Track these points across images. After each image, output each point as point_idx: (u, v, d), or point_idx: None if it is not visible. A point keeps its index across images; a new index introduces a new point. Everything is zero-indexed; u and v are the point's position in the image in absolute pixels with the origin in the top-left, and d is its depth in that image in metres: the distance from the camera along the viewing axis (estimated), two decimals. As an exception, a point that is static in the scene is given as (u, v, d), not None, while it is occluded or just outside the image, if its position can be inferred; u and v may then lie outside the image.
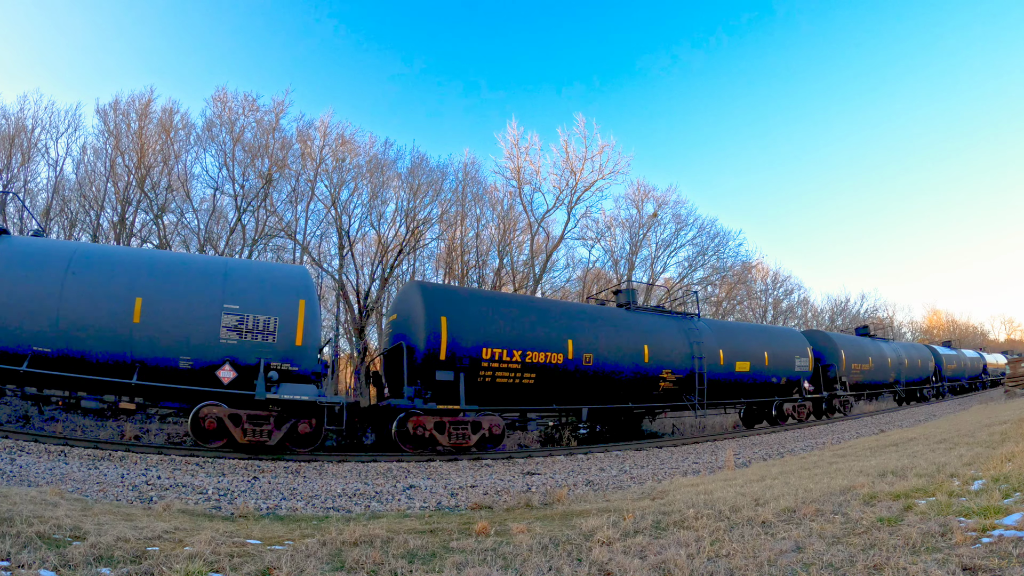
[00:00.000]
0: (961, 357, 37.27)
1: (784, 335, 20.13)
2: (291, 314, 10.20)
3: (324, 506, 6.62)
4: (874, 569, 3.12)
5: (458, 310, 12.02)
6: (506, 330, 12.34)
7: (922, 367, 29.61)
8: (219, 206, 26.17)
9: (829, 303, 52.24)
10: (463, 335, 11.71)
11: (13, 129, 23.70)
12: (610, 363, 13.99)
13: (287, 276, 11.13)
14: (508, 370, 12.23)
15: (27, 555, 3.21)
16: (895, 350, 27.01)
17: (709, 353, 16.30)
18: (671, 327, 16.19)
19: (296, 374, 10.13)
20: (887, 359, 25.39)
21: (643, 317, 16.09)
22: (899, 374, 26.16)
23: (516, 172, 30.85)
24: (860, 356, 22.97)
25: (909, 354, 28.49)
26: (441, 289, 14.32)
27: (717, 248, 35.58)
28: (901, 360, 26.78)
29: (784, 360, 18.60)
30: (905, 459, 7.24)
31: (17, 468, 7.03)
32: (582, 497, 7.04)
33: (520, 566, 3.68)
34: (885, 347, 26.13)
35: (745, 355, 17.47)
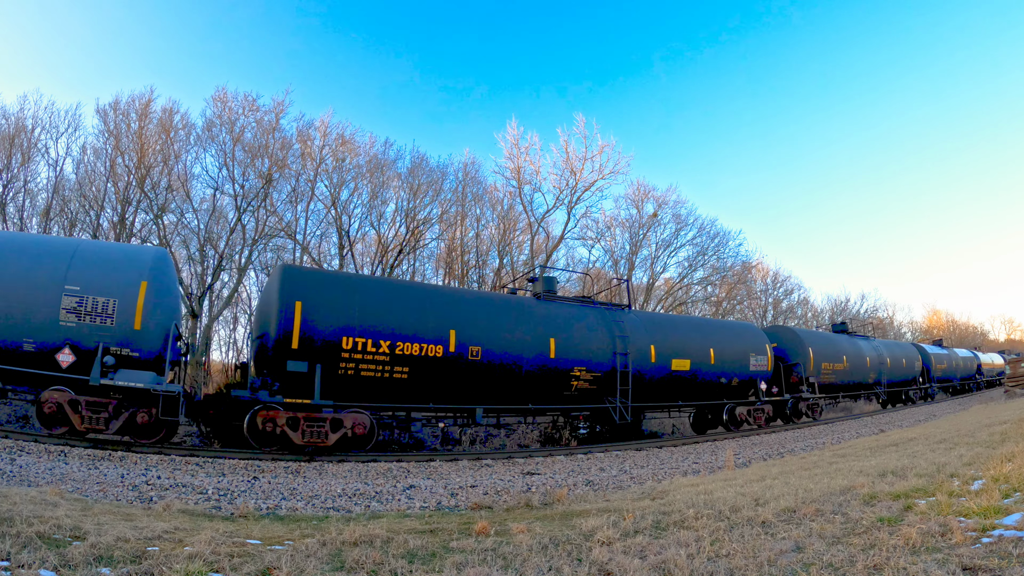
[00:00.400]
0: (952, 356, 35.16)
1: (737, 330, 18.34)
2: (131, 296, 9.72)
3: (324, 506, 6.62)
4: (874, 569, 3.12)
5: (317, 294, 10.73)
6: (372, 317, 10.95)
7: (908, 367, 27.62)
8: (219, 206, 26.17)
9: (829, 303, 52.28)
10: (321, 322, 10.46)
11: (13, 129, 23.69)
12: (505, 357, 12.27)
13: (131, 257, 10.52)
14: (374, 362, 10.81)
15: (27, 555, 3.21)
16: (875, 348, 25.20)
17: (637, 349, 14.36)
18: (590, 319, 14.25)
19: (137, 360, 9.66)
20: (865, 358, 23.59)
21: (554, 307, 14.11)
22: (880, 374, 24.49)
23: (516, 172, 30.85)
24: (832, 355, 21.26)
25: (892, 353, 26.66)
26: (301, 271, 12.54)
27: (717, 248, 35.57)
28: (882, 359, 24.96)
29: (736, 358, 16.76)
30: (905, 459, 7.24)
31: (17, 468, 7.03)
32: (582, 497, 7.04)
33: (520, 566, 3.68)
34: (864, 345, 24.41)
35: (684, 352, 15.54)
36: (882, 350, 25.59)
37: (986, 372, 40.08)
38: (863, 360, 23.28)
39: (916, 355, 29.31)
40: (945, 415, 19.72)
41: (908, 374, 27.59)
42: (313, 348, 10.34)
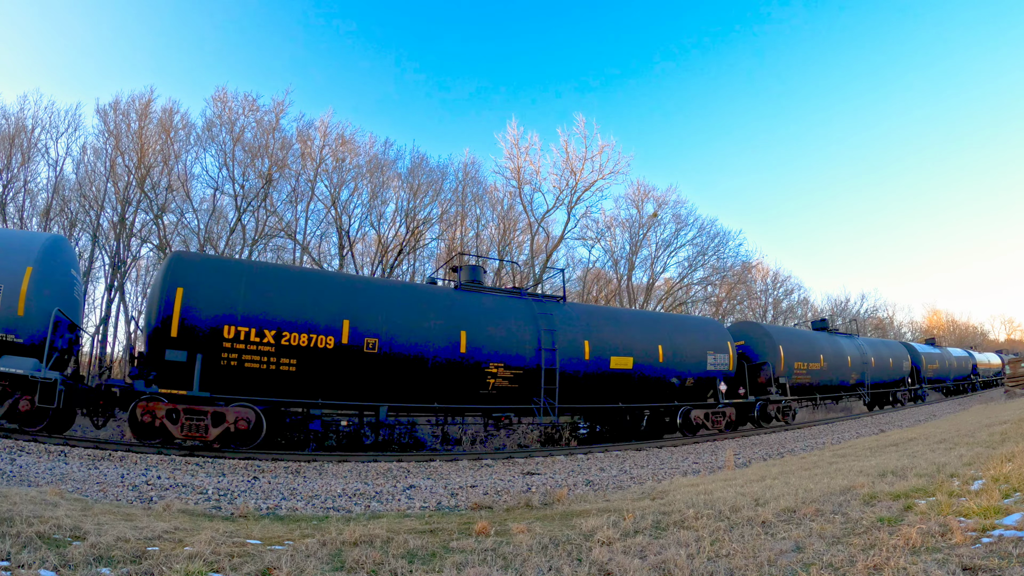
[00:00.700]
0: (946, 356, 33.56)
1: (694, 326, 17.17)
2: (15, 282, 9.67)
3: (324, 506, 6.62)
4: (874, 569, 3.12)
5: (200, 280, 10.22)
6: (257, 305, 10.38)
7: (895, 367, 26.05)
8: (219, 206, 26.21)
9: (829, 303, 52.31)
10: (204, 310, 10.00)
11: (13, 129, 23.71)
12: (409, 350, 11.47)
13: (21, 243, 10.47)
14: (259, 353, 10.25)
15: (27, 555, 3.21)
16: (858, 347, 23.78)
17: (569, 344, 13.29)
18: (514, 311, 13.20)
19: (20, 345, 9.61)
20: (847, 357, 22.24)
21: (472, 298, 13.09)
22: (864, 375, 23.08)
23: (516, 172, 30.87)
24: (807, 353, 19.88)
25: (878, 352, 25.08)
26: (188, 257, 11.86)
27: (717, 248, 35.63)
28: (866, 359, 23.49)
29: (690, 356, 15.52)
30: (905, 459, 7.24)
31: (17, 468, 7.04)
32: (582, 497, 7.04)
33: (520, 566, 3.68)
34: (845, 343, 23.06)
35: (626, 348, 14.27)
36: (866, 349, 24.17)
37: (983, 372, 38.61)
38: (844, 359, 21.98)
39: (905, 354, 27.77)
40: (945, 415, 19.71)
41: (896, 374, 26.17)
42: (194, 337, 9.86)
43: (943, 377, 34.10)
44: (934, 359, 30.73)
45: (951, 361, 33.13)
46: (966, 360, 35.93)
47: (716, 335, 16.83)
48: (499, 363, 12.49)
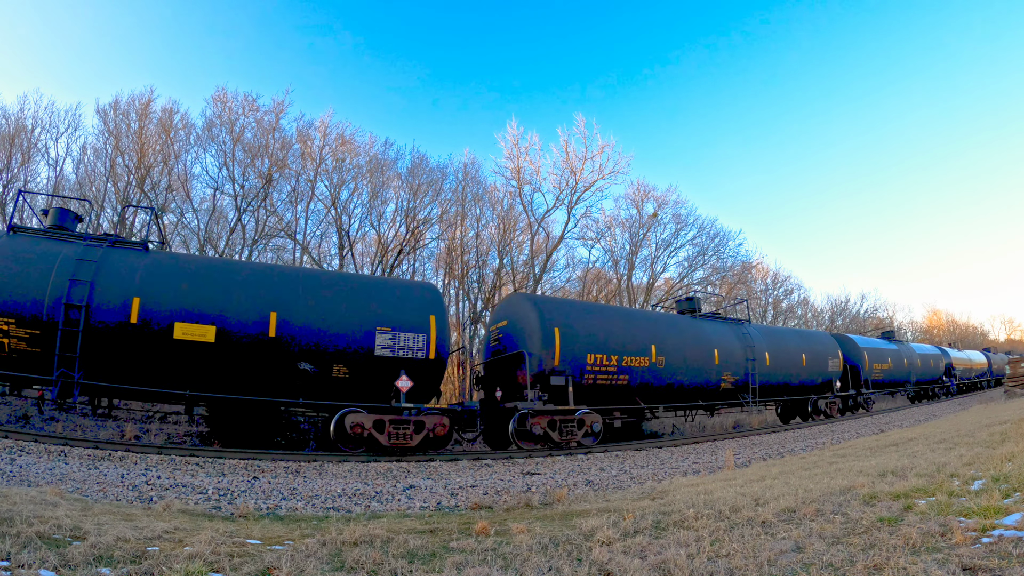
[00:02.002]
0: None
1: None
2: None
3: (324, 506, 6.62)
4: (874, 569, 3.12)
5: None
6: None
7: (934, 367, 29.02)
8: (219, 206, 26.21)
9: (829, 303, 52.32)
10: None
11: (13, 129, 23.71)
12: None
13: None
14: None
15: (27, 555, 3.21)
16: (740, 336, 22.74)
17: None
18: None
19: None
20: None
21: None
22: (748, 375, 21.84)
23: (516, 172, 30.86)
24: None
25: (778, 345, 24.20)
26: None
27: (717, 248, 35.62)
28: (754, 353, 22.79)
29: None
30: (905, 459, 7.24)
31: (17, 468, 7.03)
32: (582, 497, 7.04)
33: (520, 566, 3.68)
34: (710, 329, 22.15)
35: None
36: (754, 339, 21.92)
37: (961, 373, 33.96)
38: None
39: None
40: (945, 415, 19.70)
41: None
42: None
43: (967, 376, 33.09)
44: (961, 361, 28.62)
45: (912, 360, 27.45)
46: (936, 359, 30.69)
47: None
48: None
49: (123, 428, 12.39)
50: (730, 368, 16.86)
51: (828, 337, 22.51)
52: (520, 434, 12.16)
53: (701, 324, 17.29)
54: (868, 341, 25.66)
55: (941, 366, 27.92)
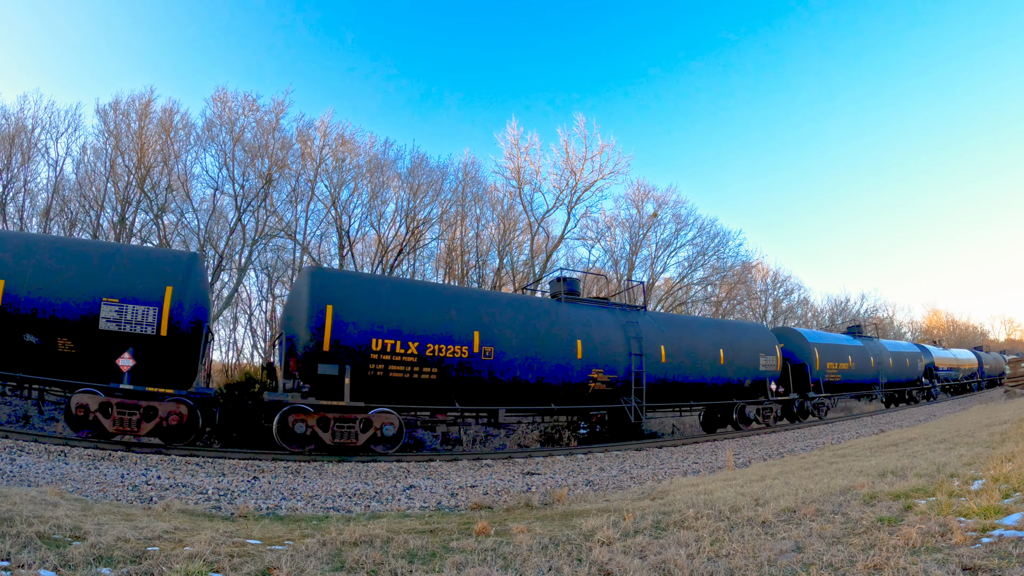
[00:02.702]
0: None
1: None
2: None
3: (324, 506, 6.62)
4: (874, 569, 3.12)
5: None
6: None
7: (911, 367, 25.64)
8: (219, 206, 26.18)
9: (829, 303, 52.28)
10: None
11: (13, 129, 23.70)
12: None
13: None
14: None
15: (27, 555, 3.21)
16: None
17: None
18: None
19: None
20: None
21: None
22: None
23: (516, 172, 30.86)
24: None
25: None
26: None
27: (717, 248, 35.58)
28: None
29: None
30: (905, 459, 7.24)
31: (17, 468, 7.03)
32: (582, 497, 7.04)
33: (520, 566, 3.68)
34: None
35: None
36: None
37: (945, 374, 31.14)
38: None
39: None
40: (945, 415, 19.70)
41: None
42: None
43: (953, 376, 30.08)
44: (842, 354, 21.19)
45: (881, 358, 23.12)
46: (913, 357, 26.61)
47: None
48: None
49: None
50: (603, 364, 13.64)
51: (762, 330, 19.15)
52: (284, 432, 10.22)
53: (562, 308, 13.88)
54: (821, 336, 22.01)
55: (920, 365, 25.23)
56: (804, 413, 19.28)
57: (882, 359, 23.72)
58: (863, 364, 22.11)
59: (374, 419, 10.69)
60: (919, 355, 27.18)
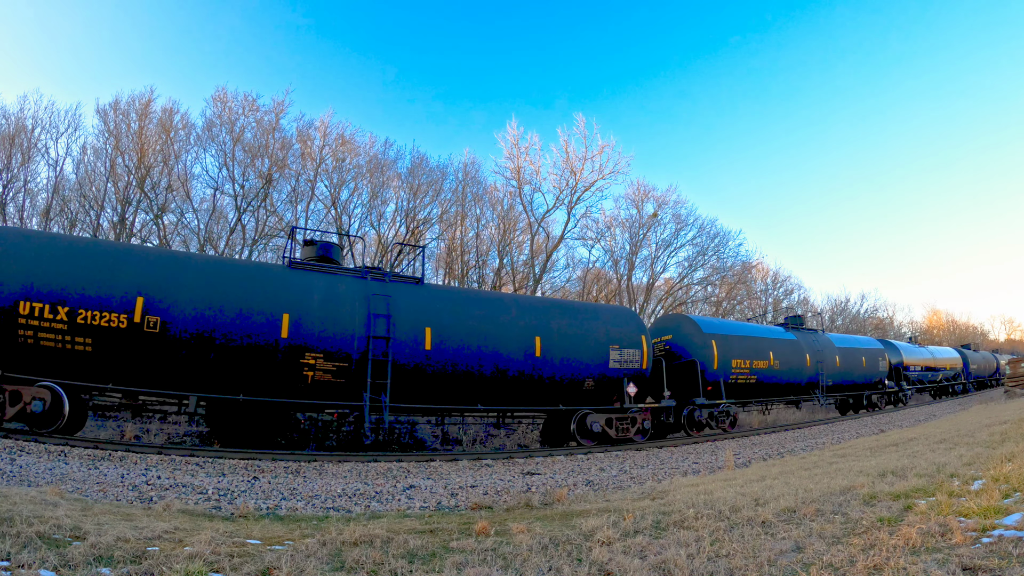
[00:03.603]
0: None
1: None
2: None
3: (324, 506, 6.62)
4: (874, 569, 3.12)
5: None
6: None
7: (869, 366, 21.65)
8: (219, 206, 26.21)
9: (829, 303, 52.31)
10: None
11: (13, 129, 23.70)
12: None
13: None
14: None
15: (27, 555, 3.21)
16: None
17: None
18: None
19: None
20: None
21: None
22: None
23: (516, 172, 30.88)
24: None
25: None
26: None
27: (717, 248, 35.64)
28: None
29: None
30: (905, 459, 7.24)
31: (17, 468, 7.03)
32: (582, 497, 7.04)
33: (520, 566, 3.68)
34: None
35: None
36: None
37: (919, 375, 27.37)
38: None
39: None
40: (945, 415, 19.68)
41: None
42: None
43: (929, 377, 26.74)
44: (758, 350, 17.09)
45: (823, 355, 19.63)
46: (872, 356, 22.47)
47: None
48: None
49: (123, 428, 12.40)
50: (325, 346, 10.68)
51: (620, 314, 14.54)
52: None
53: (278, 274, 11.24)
54: (725, 325, 17.67)
55: (881, 365, 21.51)
56: (695, 424, 15.24)
57: (825, 356, 19.70)
58: (794, 362, 18.09)
59: None
60: (881, 352, 23.05)
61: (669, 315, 19.99)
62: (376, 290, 11.31)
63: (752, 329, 18.69)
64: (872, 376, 22.20)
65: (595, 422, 13.00)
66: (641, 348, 13.84)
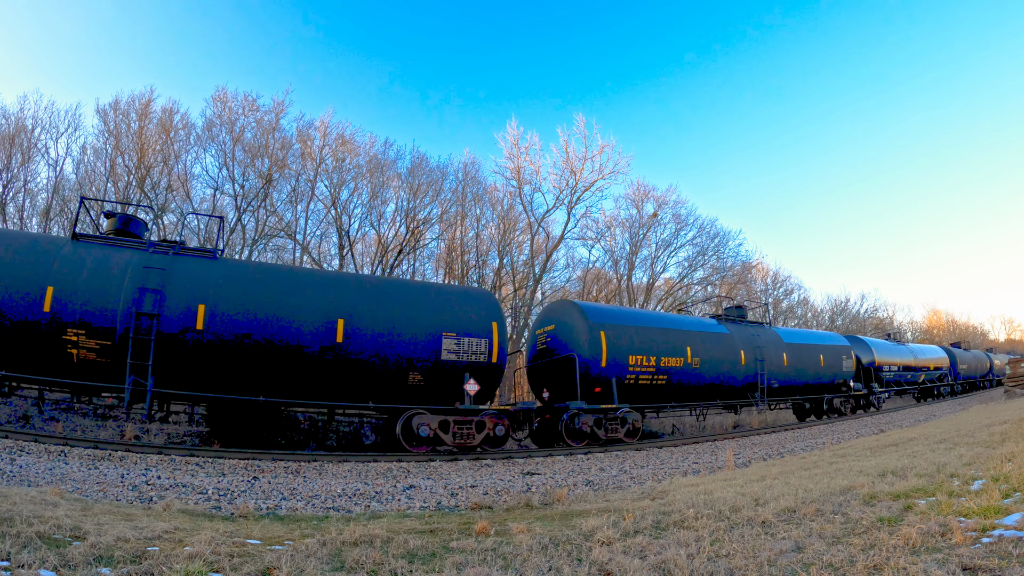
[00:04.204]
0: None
1: None
2: None
3: (324, 506, 6.62)
4: (874, 569, 3.12)
5: None
6: None
7: (829, 365, 18.83)
8: (219, 206, 26.19)
9: (829, 303, 52.32)
10: None
11: (13, 129, 23.70)
12: None
13: None
14: None
15: (27, 555, 3.21)
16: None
17: None
18: None
19: None
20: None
21: None
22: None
23: (516, 172, 30.88)
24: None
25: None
26: None
27: (717, 248, 35.66)
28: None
29: None
30: (905, 459, 7.24)
31: (17, 468, 7.03)
32: (582, 497, 7.04)
33: (520, 566, 3.68)
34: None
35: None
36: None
37: (895, 375, 24.10)
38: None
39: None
40: (945, 415, 19.68)
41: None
42: None
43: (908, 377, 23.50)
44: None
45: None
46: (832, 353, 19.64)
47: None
48: None
49: (123, 428, 12.40)
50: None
51: (467, 296, 12.80)
52: None
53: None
54: (617, 313, 14.92)
55: (845, 364, 18.94)
56: (576, 434, 12.64)
57: (769, 353, 16.67)
58: (724, 359, 15.57)
59: None
60: (846, 350, 20.00)
61: (556, 302, 15.95)
62: (154, 263, 10.14)
63: (663, 320, 15.72)
64: (834, 376, 19.31)
65: (423, 424, 11.05)
66: (490, 338, 11.80)
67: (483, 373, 11.66)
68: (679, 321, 15.96)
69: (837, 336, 21.27)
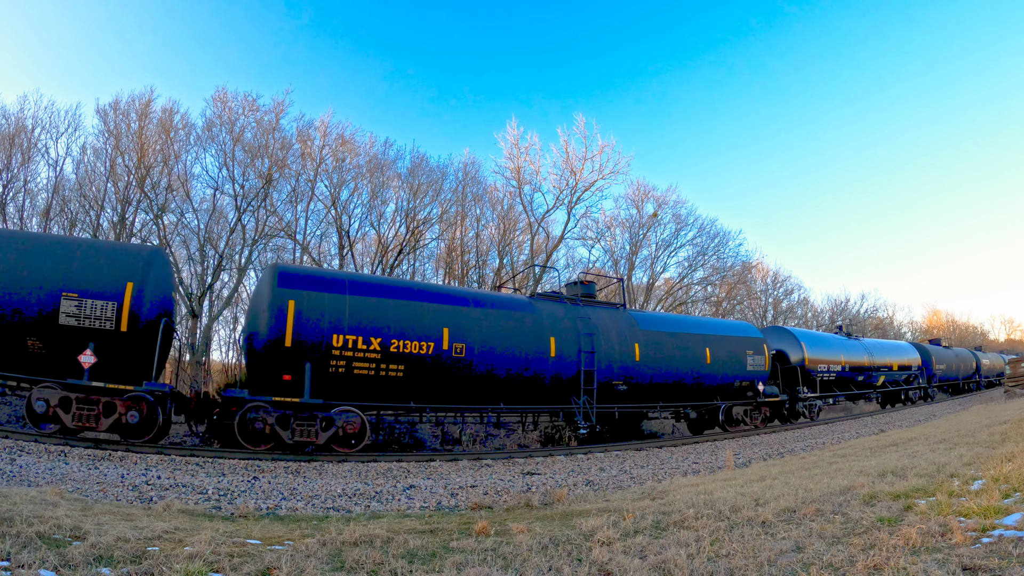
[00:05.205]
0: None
1: None
2: None
3: (324, 506, 6.62)
4: (874, 569, 3.12)
5: None
6: None
7: (724, 363, 15.06)
8: (219, 206, 26.17)
9: (829, 303, 52.26)
10: None
11: (13, 129, 23.70)
12: None
13: None
14: None
15: (27, 555, 3.20)
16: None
17: None
18: None
19: None
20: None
21: None
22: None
23: (516, 172, 30.85)
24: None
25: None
26: None
27: (717, 248, 35.58)
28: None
29: None
30: (905, 459, 7.24)
31: (17, 468, 7.03)
32: (582, 497, 7.04)
33: (520, 566, 3.68)
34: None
35: None
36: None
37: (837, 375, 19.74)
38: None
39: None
40: (944, 415, 19.67)
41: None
42: None
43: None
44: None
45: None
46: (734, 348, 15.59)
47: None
48: None
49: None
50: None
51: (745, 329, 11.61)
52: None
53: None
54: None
55: (753, 361, 15.11)
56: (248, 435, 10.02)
57: (609, 342, 13.28)
58: (515, 346, 12.15)
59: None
60: (754, 343, 15.88)
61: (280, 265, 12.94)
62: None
63: (400, 290, 11.71)
64: (734, 376, 15.22)
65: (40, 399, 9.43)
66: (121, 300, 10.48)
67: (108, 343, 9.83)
68: (431, 294, 12.05)
69: (743, 325, 17.29)
